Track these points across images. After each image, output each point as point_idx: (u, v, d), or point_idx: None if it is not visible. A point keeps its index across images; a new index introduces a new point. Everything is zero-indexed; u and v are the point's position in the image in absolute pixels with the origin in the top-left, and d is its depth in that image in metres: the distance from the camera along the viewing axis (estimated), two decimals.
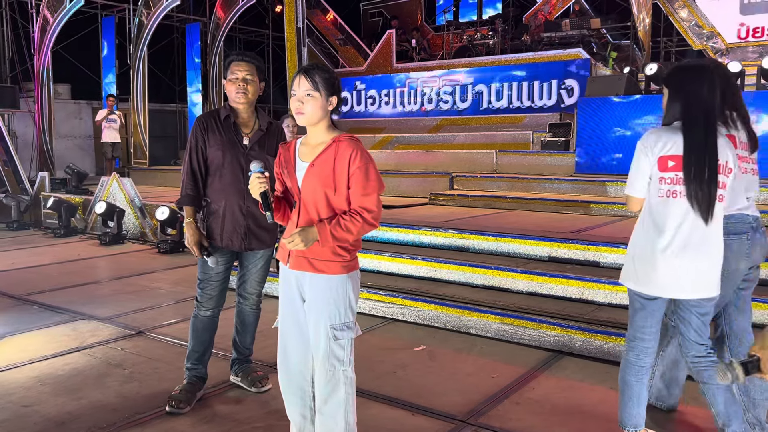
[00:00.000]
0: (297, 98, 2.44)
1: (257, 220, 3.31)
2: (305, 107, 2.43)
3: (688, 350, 2.71)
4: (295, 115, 2.48)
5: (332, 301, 2.48)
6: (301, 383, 2.64)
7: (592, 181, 7.45)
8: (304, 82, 2.42)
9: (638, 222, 2.73)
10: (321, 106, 2.44)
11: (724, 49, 12.73)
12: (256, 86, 3.28)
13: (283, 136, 3.43)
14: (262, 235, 3.38)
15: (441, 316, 4.61)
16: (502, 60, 11.71)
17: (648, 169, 2.61)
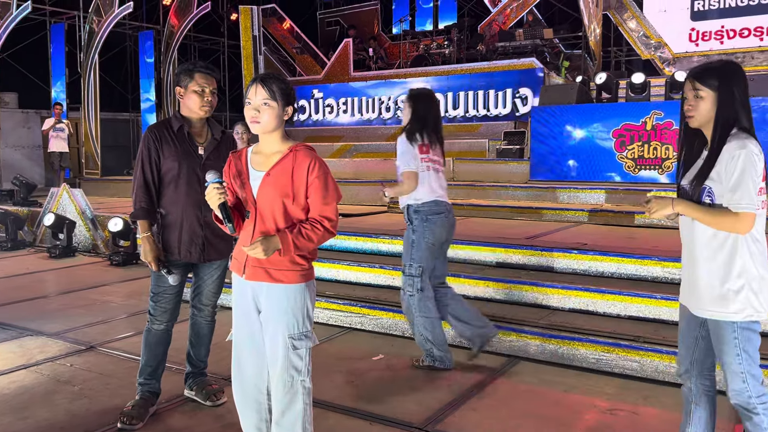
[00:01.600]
0: (253, 107, 2.42)
1: (215, 230, 3.26)
2: (261, 116, 2.42)
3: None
4: (249, 123, 2.46)
5: (290, 310, 2.46)
6: (257, 396, 2.61)
7: (546, 188, 7.59)
8: (261, 90, 2.41)
9: (740, 243, 2.28)
10: (277, 116, 2.44)
11: (671, 59, 13.17)
12: (215, 99, 3.28)
13: (235, 145, 3.39)
14: (219, 245, 3.34)
15: (399, 324, 4.62)
16: (458, 69, 11.86)
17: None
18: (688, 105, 2.37)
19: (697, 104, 2.33)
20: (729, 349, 2.28)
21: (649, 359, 3.73)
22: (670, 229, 6.13)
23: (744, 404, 2.28)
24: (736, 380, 2.28)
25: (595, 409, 3.39)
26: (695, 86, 2.33)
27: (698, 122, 2.35)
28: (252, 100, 2.43)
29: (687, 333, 2.49)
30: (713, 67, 2.35)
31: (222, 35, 18.24)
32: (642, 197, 6.89)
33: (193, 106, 3.20)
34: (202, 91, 3.16)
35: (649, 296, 4.13)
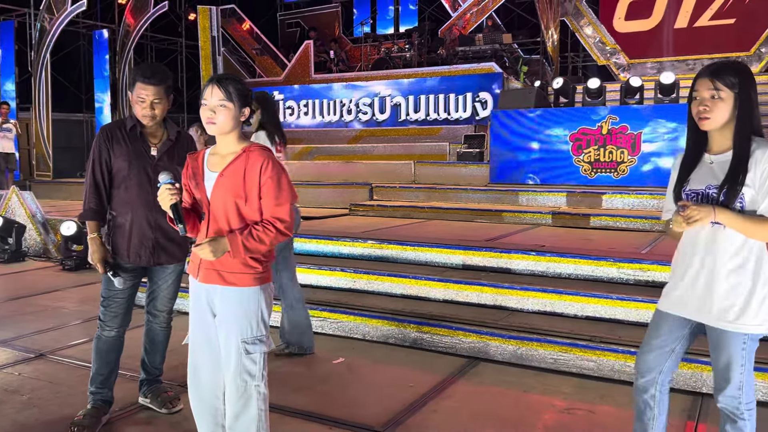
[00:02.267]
0: (209, 107, 2.39)
1: (166, 233, 3.18)
2: (217, 117, 2.39)
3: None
4: (205, 124, 2.42)
5: (243, 314, 2.43)
6: (213, 401, 2.57)
7: (505, 190, 7.68)
8: (218, 91, 2.38)
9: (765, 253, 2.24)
10: (233, 117, 2.41)
11: (626, 64, 13.50)
12: (164, 106, 3.15)
13: (193, 146, 3.32)
14: (171, 248, 3.25)
15: (360, 327, 4.60)
16: (418, 73, 11.92)
17: None
18: (703, 106, 2.18)
19: (714, 105, 2.16)
20: (735, 359, 2.23)
21: (606, 359, 3.79)
22: (624, 230, 6.27)
23: (732, 409, 2.27)
24: (732, 387, 2.25)
25: (553, 408, 3.43)
26: (715, 86, 2.16)
27: (713, 125, 2.20)
28: (208, 101, 2.39)
29: (665, 343, 2.38)
30: (732, 66, 2.20)
31: (180, 35, 17.93)
32: (596, 200, 7.05)
33: (136, 112, 3.13)
34: (142, 101, 3.08)
35: (605, 297, 4.20)
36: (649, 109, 7.53)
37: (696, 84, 2.22)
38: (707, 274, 2.24)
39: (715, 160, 2.25)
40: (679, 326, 2.36)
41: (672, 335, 2.37)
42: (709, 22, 12.41)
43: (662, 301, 2.42)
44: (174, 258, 3.29)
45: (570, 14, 14.28)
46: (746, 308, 2.19)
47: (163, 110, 3.15)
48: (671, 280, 2.39)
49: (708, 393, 3.49)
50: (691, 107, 2.24)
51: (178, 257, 3.30)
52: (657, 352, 2.40)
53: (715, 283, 2.23)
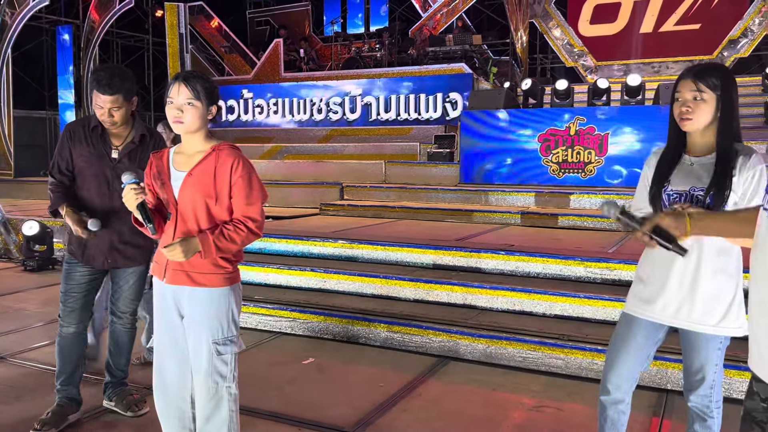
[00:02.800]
0: (175, 106, 2.35)
1: (122, 236, 3.13)
2: (185, 116, 2.35)
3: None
4: (172, 123, 2.38)
5: (214, 315, 2.40)
6: (180, 404, 2.53)
7: (475, 190, 7.73)
8: (185, 90, 2.34)
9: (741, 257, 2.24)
10: (201, 116, 2.37)
11: (594, 66, 13.71)
12: (125, 110, 3.05)
13: (162, 145, 3.25)
14: (129, 251, 3.18)
15: (330, 327, 4.58)
16: (389, 72, 11.92)
17: None
18: (686, 107, 2.17)
19: (697, 107, 2.16)
20: (710, 359, 2.23)
21: (573, 357, 3.84)
22: (591, 230, 6.36)
23: (703, 408, 2.29)
24: (705, 387, 2.26)
25: (522, 406, 3.46)
26: (698, 87, 2.15)
27: (695, 126, 2.19)
28: (174, 100, 2.35)
29: (640, 350, 2.33)
30: (715, 68, 2.19)
31: (147, 32, 17.62)
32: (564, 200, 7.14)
33: (97, 115, 3.06)
34: (100, 108, 3.00)
35: (573, 295, 4.26)
36: (616, 111, 7.66)
37: (678, 85, 2.21)
38: (691, 276, 2.20)
39: (695, 161, 2.23)
40: (655, 330, 2.31)
41: (649, 340, 2.32)
42: (675, 27, 12.68)
43: (635, 305, 2.35)
44: (133, 262, 3.21)
45: (539, 16, 14.45)
46: (729, 311, 2.19)
47: (124, 115, 3.06)
48: (643, 283, 2.33)
49: (673, 390, 3.56)
50: (673, 108, 2.24)
51: (138, 261, 3.22)
52: (633, 362, 2.33)
53: (699, 285, 2.19)
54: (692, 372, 2.30)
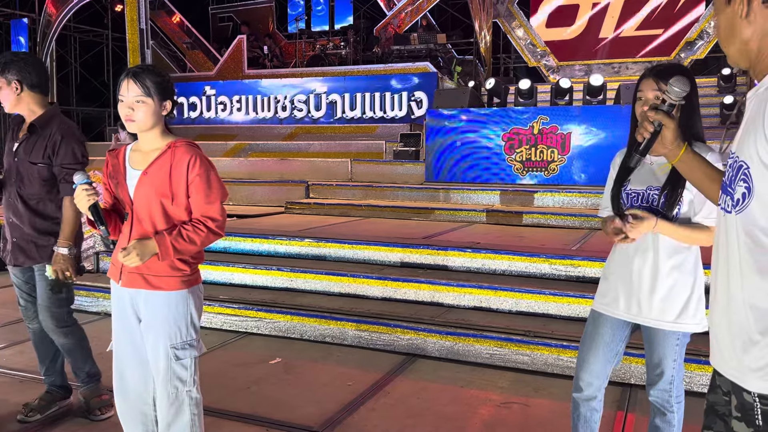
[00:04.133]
0: (126, 104, 2.27)
1: (23, 232, 3.05)
2: (136, 114, 2.27)
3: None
4: (124, 122, 2.29)
5: (171, 319, 2.33)
6: (142, 407, 2.47)
7: (441, 189, 7.77)
8: (134, 86, 2.25)
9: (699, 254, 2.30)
10: (153, 113, 2.29)
11: (555, 66, 13.92)
12: (7, 93, 2.96)
13: (68, 132, 3.03)
14: (28, 249, 3.07)
15: (297, 326, 4.54)
16: (354, 71, 11.90)
17: None
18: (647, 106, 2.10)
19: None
20: (668, 354, 2.27)
21: (539, 353, 3.89)
22: (555, 228, 6.46)
23: (663, 402, 2.33)
24: (664, 382, 2.30)
25: (489, 403, 3.49)
26: (660, 86, 2.15)
27: None
28: (125, 97, 2.27)
29: (608, 347, 2.37)
30: (676, 68, 2.20)
31: (106, 27, 17.22)
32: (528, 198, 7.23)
33: None
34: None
35: (538, 292, 4.31)
36: (578, 110, 7.78)
37: (641, 84, 2.23)
38: (650, 273, 2.25)
39: (655, 161, 2.25)
40: (620, 327, 2.36)
41: (616, 337, 2.36)
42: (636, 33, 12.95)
43: (600, 303, 2.40)
44: (32, 259, 3.09)
45: (502, 16, 14.60)
46: (686, 308, 2.24)
47: (7, 98, 2.96)
48: (607, 281, 2.39)
49: (636, 384, 3.63)
50: (635, 107, 2.26)
51: (36, 259, 3.08)
52: (603, 359, 2.37)
53: (657, 282, 2.24)
54: (652, 367, 2.35)
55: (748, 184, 1.33)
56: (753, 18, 1.37)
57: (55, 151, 2.96)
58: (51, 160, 2.97)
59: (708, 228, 2.17)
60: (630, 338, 2.42)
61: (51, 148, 2.96)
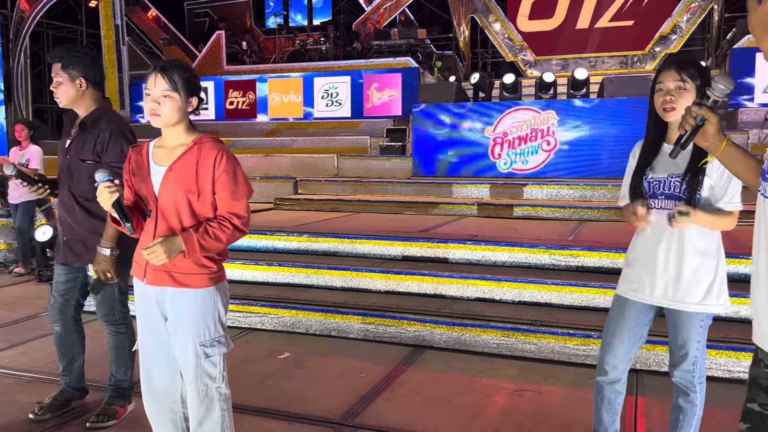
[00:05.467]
0: (152, 98, 2.26)
1: (74, 231, 3.05)
2: (162, 109, 2.26)
3: None
4: (150, 116, 2.29)
5: (200, 316, 2.33)
6: (171, 405, 2.48)
7: (430, 183, 7.84)
8: (161, 81, 2.25)
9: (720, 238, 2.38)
10: (179, 108, 2.29)
11: (533, 61, 14.08)
12: (67, 88, 2.96)
13: (117, 129, 3.02)
14: (77, 248, 3.07)
15: (303, 321, 4.56)
16: (335, 66, 11.88)
17: None
18: (669, 96, 2.25)
19: (680, 96, 2.23)
20: (693, 336, 2.35)
21: (546, 341, 3.98)
22: (545, 219, 6.57)
23: (686, 382, 2.41)
24: (687, 363, 2.39)
25: (503, 391, 3.56)
26: (681, 77, 2.23)
27: (678, 116, 2.21)
28: (151, 91, 2.26)
29: (633, 330, 2.44)
30: (693, 59, 2.30)
31: (80, 23, 16.88)
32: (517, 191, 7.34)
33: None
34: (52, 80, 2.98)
35: (541, 282, 4.40)
36: (563, 104, 7.91)
37: (660, 76, 2.31)
38: (675, 258, 2.32)
39: (667, 149, 2.32)
40: (645, 311, 2.44)
41: (640, 321, 2.44)
42: (609, 24, 13.18)
43: (625, 288, 2.46)
44: (79, 259, 3.09)
45: (479, 11, 14.70)
46: (710, 290, 2.33)
47: (67, 94, 2.96)
48: (631, 267, 2.46)
49: (642, 369, 3.75)
50: (654, 98, 2.33)
51: (83, 259, 3.08)
52: (628, 342, 2.44)
53: (683, 266, 2.31)
54: (676, 348, 2.43)
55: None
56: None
57: (104, 148, 2.96)
58: (100, 157, 2.96)
59: (730, 213, 2.26)
60: (654, 322, 2.50)
61: (100, 145, 2.96)
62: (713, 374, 3.58)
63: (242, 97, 12.24)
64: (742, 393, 1.65)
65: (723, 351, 3.55)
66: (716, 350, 3.57)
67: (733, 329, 3.72)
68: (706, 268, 2.33)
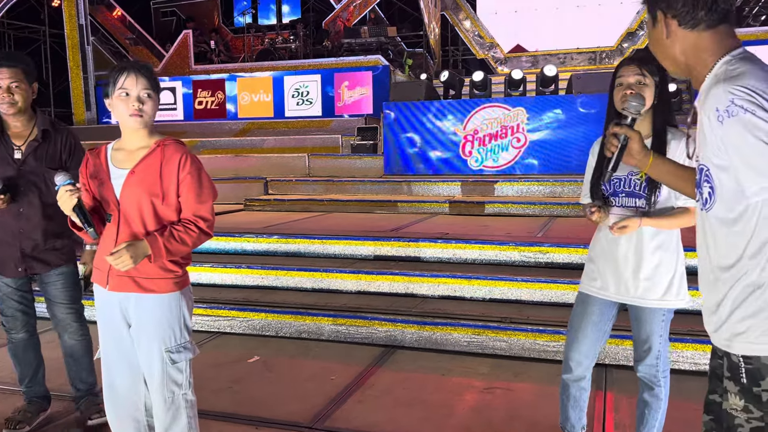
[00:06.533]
0: (134, 98, 2.21)
1: (35, 243, 2.96)
2: (146, 108, 2.22)
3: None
4: (130, 117, 2.22)
5: (165, 322, 2.28)
6: (134, 414, 2.42)
7: (402, 181, 7.82)
8: (143, 80, 2.21)
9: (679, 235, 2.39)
10: (157, 107, 2.28)
11: (503, 58, 14.16)
12: (27, 91, 2.90)
13: (71, 141, 3.04)
14: (46, 256, 3.00)
15: (272, 323, 4.50)
16: (305, 64, 11.81)
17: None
18: (629, 90, 2.24)
19: (641, 91, 2.23)
20: (655, 331, 2.38)
21: (516, 338, 3.98)
22: (516, 216, 6.60)
23: (651, 377, 2.43)
24: (651, 357, 2.40)
25: (473, 389, 3.55)
26: (642, 71, 2.24)
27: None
28: (131, 91, 2.21)
29: (597, 326, 2.45)
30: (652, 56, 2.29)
31: (42, 23, 16.51)
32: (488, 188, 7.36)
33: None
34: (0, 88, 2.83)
35: (511, 279, 4.40)
36: (532, 101, 7.95)
37: (621, 70, 2.31)
38: (634, 256, 2.34)
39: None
40: (608, 307, 2.46)
41: (604, 316, 2.45)
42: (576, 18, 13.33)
43: (588, 285, 2.49)
44: (49, 266, 3.03)
45: (449, 8, 14.75)
46: (670, 286, 2.35)
47: (26, 98, 2.89)
48: (594, 263, 2.48)
49: (611, 364, 3.77)
50: (614, 93, 2.34)
51: (56, 263, 3.04)
52: (592, 338, 2.46)
53: (643, 263, 2.33)
54: (640, 343, 2.45)
55: (711, 185, 1.48)
56: (674, 38, 1.54)
57: (71, 154, 2.98)
58: (64, 164, 2.94)
59: (689, 210, 2.27)
60: (617, 318, 2.50)
61: (67, 153, 2.96)
62: (680, 367, 3.62)
63: (211, 97, 12.11)
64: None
65: (689, 344, 3.59)
66: (682, 343, 3.60)
67: (698, 322, 3.68)
68: (666, 264, 2.34)
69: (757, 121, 1.34)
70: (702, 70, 1.52)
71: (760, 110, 1.34)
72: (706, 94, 1.46)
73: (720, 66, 1.48)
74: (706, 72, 1.50)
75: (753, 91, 1.36)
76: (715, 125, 1.40)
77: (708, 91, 1.45)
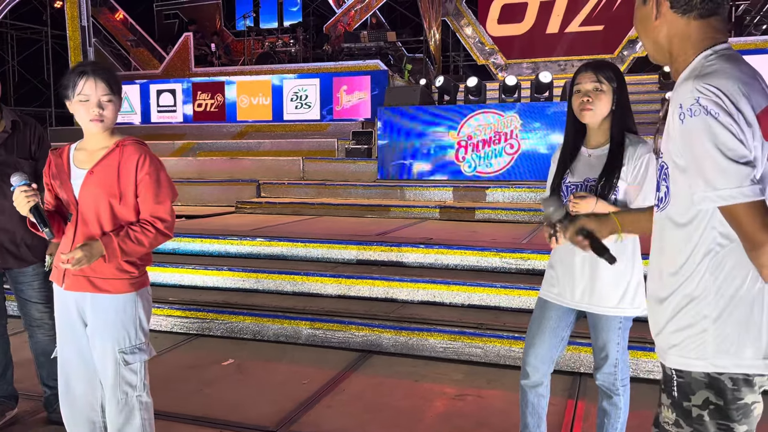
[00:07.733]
0: (94, 103, 2.20)
1: (12, 235, 2.95)
2: (106, 113, 2.22)
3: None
4: (90, 122, 2.22)
5: (119, 323, 2.27)
6: (90, 415, 2.41)
7: (394, 186, 7.80)
8: (101, 84, 2.20)
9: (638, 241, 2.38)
10: (118, 110, 2.28)
11: (503, 64, 14.13)
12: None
13: (39, 133, 3.05)
14: (20, 251, 2.99)
15: (251, 327, 4.48)
16: (305, 68, 11.82)
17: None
18: (586, 97, 2.26)
19: (597, 97, 2.25)
20: (611, 338, 2.35)
21: (492, 345, 3.95)
22: (506, 222, 6.57)
23: (609, 385, 2.40)
24: (609, 365, 2.38)
25: (444, 396, 3.52)
26: (598, 78, 2.25)
27: (595, 117, 2.27)
28: (90, 96, 2.20)
29: (554, 332, 2.43)
30: (610, 64, 2.32)
31: (45, 24, 16.61)
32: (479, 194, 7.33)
33: None
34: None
35: (490, 285, 4.37)
36: (526, 107, 7.92)
37: (578, 77, 2.31)
38: (590, 263, 2.30)
39: (593, 153, 2.35)
40: (566, 314, 2.43)
41: (561, 323, 2.43)
42: (579, 28, 13.28)
43: (546, 291, 2.47)
44: (24, 261, 3.01)
45: (451, 14, 14.74)
46: (625, 293, 2.32)
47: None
48: (554, 269, 2.46)
49: (586, 372, 3.73)
50: (573, 101, 2.33)
51: (31, 259, 3.02)
52: (549, 343, 2.43)
53: (598, 269, 2.29)
54: (597, 350, 2.44)
55: (667, 184, 1.43)
56: (663, 20, 1.46)
57: (39, 145, 2.99)
58: (33, 156, 2.96)
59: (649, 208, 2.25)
60: (575, 325, 2.48)
61: (36, 144, 2.98)
62: (642, 376, 3.58)
63: (211, 99, 12.13)
64: None
65: (651, 353, 3.54)
66: (643, 352, 3.56)
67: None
68: (621, 271, 2.31)
69: (717, 127, 1.26)
70: (683, 61, 1.45)
71: (723, 114, 1.26)
72: (677, 87, 1.39)
73: (699, 60, 1.40)
74: (686, 64, 1.43)
75: (722, 92, 1.27)
76: (677, 123, 1.33)
77: (680, 84, 1.38)
